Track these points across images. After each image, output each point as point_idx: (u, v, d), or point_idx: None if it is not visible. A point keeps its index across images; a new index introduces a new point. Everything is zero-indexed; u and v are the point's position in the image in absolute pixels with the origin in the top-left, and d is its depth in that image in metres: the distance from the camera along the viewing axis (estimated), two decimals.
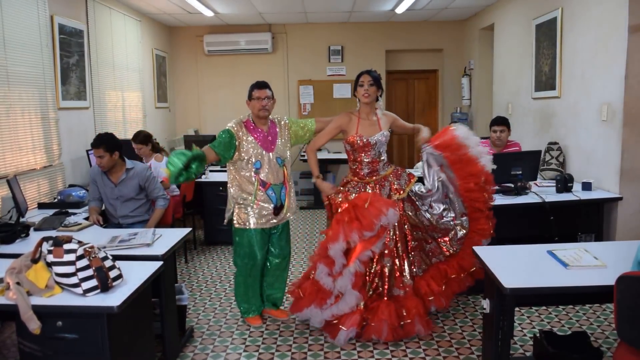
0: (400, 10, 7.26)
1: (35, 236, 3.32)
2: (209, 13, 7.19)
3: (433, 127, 8.95)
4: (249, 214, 3.50)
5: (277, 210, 3.52)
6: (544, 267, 2.56)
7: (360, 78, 3.54)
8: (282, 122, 3.64)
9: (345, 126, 3.53)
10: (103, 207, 4.12)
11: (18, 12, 4.32)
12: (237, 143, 3.42)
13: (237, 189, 3.52)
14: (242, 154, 3.44)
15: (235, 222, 3.56)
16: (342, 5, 7.14)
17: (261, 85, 3.54)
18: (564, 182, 4.23)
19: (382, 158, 3.55)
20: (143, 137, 4.96)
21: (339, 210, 3.39)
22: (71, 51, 5.18)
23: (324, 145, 3.67)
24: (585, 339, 2.93)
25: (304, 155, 6.87)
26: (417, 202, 3.53)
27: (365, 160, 3.51)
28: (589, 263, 2.53)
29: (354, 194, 3.46)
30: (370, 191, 3.46)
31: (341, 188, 3.57)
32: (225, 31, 8.34)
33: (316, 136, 3.63)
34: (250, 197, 3.47)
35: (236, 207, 3.54)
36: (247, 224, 3.51)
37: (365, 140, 3.47)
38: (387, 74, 8.69)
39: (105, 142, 3.86)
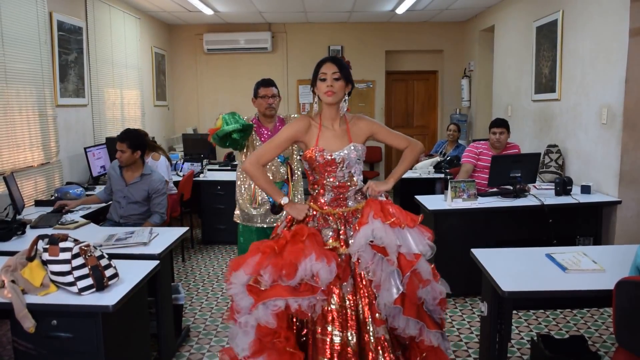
0: (400, 10, 7.25)
1: (31, 234, 3.29)
2: (208, 11, 7.17)
3: (432, 128, 8.97)
4: (251, 212, 3.46)
5: (276, 209, 3.40)
6: (542, 270, 2.55)
7: (322, 68, 2.45)
8: (291, 118, 3.53)
9: (301, 135, 2.48)
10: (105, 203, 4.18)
11: (16, 8, 4.30)
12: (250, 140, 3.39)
13: (241, 186, 3.49)
14: (248, 153, 3.39)
15: (239, 220, 3.52)
16: (343, 5, 7.12)
17: (267, 83, 3.47)
18: (563, 185, 4.22)
19: (355, 182, 2.49)
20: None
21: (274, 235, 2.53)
22: (70, 48, 5.16)
23: (271, 160, 2.68)
24: (583, 343, 2.92)
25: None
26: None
27: (328, 183, 2.46)
28: (588, 267, 2.52)
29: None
30: (322, 228, 2.41)
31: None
32: (225, 30, 8.32)
33: (261, 147, 2.62)
34: (250, 195, 3.43)
35: (243, 204, 3.48)
36: (250, 222, 3.47)
37: (328, 156, 2.43)
38: (386, 75, 8.69)
39: (131, 138, 3.91)
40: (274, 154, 2.54)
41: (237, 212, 3.56)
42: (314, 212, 2.47)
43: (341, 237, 2.39)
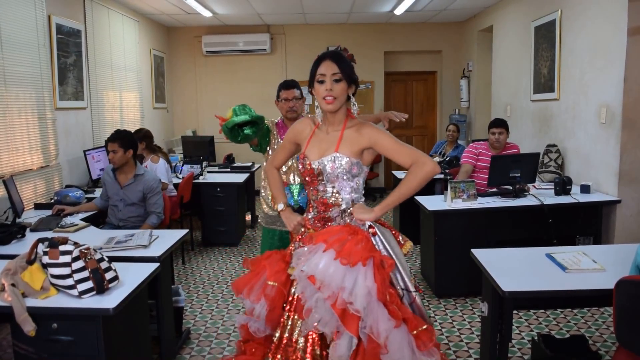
0: (399, 11, 7.25)
1: (31, 237, 3.29)
2: (207, 13, 7.18)
3: (431, 129, 8.97)
4: (273, 215, 3.34)
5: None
6: (542, 270, 2.55)
7: (320, 67, 2.11)
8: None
9: (299, 138, 2.29)
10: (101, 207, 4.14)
11: (15, 11, 4.30)
12: (270, 139, 3.34)
13: (265, 188, 3.40)
14: (271, 153, 3.31)
15: (263, 222, 3.45)
16: (341, 6, 7.12)
17: (289, 85, 3.35)
18: (563, 185, 4.23)
19: (338, 202, 2.15)
20: (141, 134, 5.06)
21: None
22: (69, 51, 5.16)
23: (283, 163, 2.46)
24: (583, 342, 2.92)
25: None
26: None
27: (313, 197, 2.21)
28: (588, 266, 2.52)
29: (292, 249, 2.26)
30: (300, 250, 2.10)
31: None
32: (223, 32, 8.32)
33: (275, 150, 2.52)
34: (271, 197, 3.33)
35: (265, 206, 3.40)
36: (272, 225, 3.38)
37: (307, 164, 2.16)
38: (385, 76, 8.69)
39: (121, 137, 3.92)
40: (282, 157, 2.40)
41: (261, 214, 3.50)
42: (305, 229, 2.23)
43: None
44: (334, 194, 2.15)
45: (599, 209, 4.22)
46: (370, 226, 2.10)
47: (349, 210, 2.15)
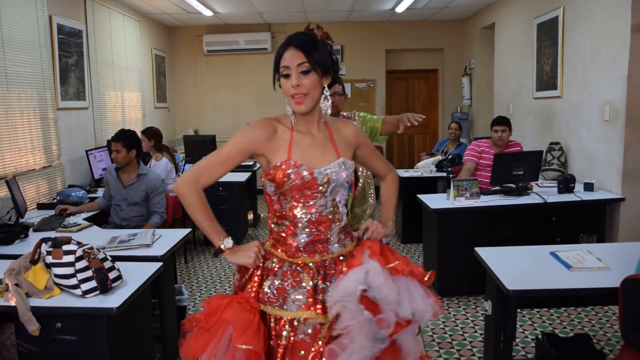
0: (400, 9, 7.24)
1: (34, 237, 3.29)
2: (208, 13, 7.17)
3: (433, 127, 8.96)
4: None
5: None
6: (546, 268, 2.54)
7: (283, 57, 1.69)
8: (358, 116, 3.35)
9: (260, 147, 1.72)
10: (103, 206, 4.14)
11: (16, 12, 4.29)
12: None
13: None
14: None
15: None
16: (342, 4, 7.11)
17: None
18: (566, 183, 4.21)
19: (339, 217, 1.76)
20: (150, 132, 5.18)
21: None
22: (70, 51, 5.16)
23: (218, 179, 1.76)
24: (587, 341, 2.92)
25: None
26: None
27: (302, 217, 1.71)
28: (593, 265, 2.51)
29: (266, 287, 1.70)
30: (290, 290, 1.68)
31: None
32: (224, 31, 8.32)
33: (202, 161, 1.76)
34: None
35: None
36: None
37: (307, 174, 1.67)
38: (387, 74, 8.68)
39: (124, 137, 3.92)
40: (222, 172, 1.74)
41: None
42: (278, 260, 1.73)
43: (318, 297, 1.66)
44: (335, 209, 1.74)
45: (602, 207, 4.21)
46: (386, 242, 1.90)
47: (345, 228, 1.80)
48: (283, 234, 1.74)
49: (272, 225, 1.78)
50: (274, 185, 1.70)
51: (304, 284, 1.67)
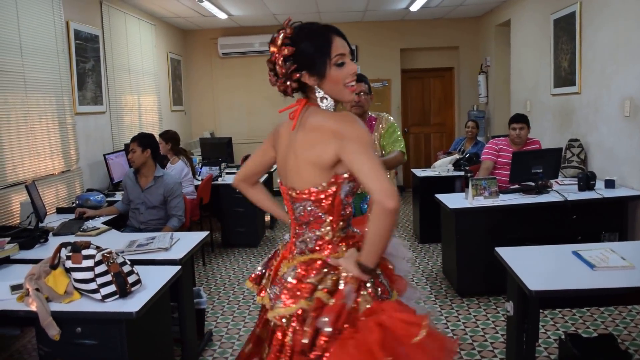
0: (414, 8, 7.20)
1: (54, 241, 3.32)
2: (222, 16, 7.20)
3: (449, 125, 8.88)
4: None
5: None
6: (569, 268, 2.49)
7: (334, 44, 1.61)
8: (385, 118, 3.24)
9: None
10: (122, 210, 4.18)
11: (34, 18, 4.35)
12: None
13: None
14: None
15: None
16: (356, 4, 7.09)
17: (358, 78, 3.15)
18: (586, 180, 4.14)
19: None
20: (168, 135, 5.24)
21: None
22: (87, 56, 5.21)
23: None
24: (612, 341, 2.86)
25: None
26: None
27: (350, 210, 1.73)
28: (616, 264, 2.45)
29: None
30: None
31: None
32: (239, 33, 8.34)
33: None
34: None
35: None
36: None
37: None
38: (402, 73, 8.63)
39: (139, 137, 4.02)
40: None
41: None
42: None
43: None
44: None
45: (624, 204, 4.13)
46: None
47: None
48: (345, 233, 1.69)
49: (337, 233, 1.66)
50: (354, 185, 1.63)
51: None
